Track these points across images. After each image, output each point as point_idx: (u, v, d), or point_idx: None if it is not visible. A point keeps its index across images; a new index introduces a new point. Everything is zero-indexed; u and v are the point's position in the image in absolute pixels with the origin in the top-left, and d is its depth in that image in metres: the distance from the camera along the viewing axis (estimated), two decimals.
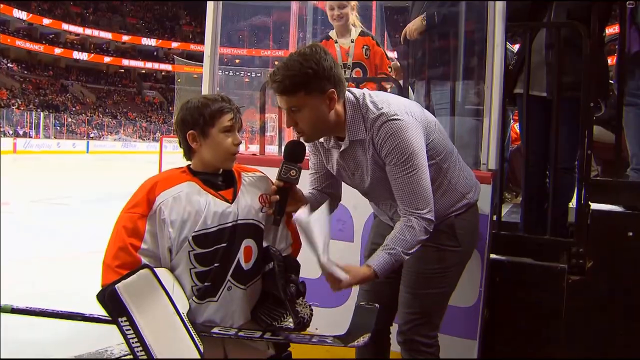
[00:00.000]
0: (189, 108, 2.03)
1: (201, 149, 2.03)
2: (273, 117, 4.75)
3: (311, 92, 1.99)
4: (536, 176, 3.27)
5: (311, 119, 2.04)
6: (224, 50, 13.72)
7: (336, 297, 2.98)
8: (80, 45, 53.91)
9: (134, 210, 1.92)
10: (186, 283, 1.97)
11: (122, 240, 1.88)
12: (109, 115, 49.36)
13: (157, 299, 1.82)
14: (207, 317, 1.98)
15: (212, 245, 1.97)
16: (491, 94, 2.75)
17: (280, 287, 2.02)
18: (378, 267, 2.07)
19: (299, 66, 1.96)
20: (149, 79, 59.91)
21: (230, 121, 2.02)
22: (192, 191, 1.98)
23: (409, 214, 2.09)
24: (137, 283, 1.79)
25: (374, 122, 2.07)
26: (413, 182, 2.06)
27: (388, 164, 2.09)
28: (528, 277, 2.91)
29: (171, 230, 1.92)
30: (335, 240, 3.00)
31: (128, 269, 1.82)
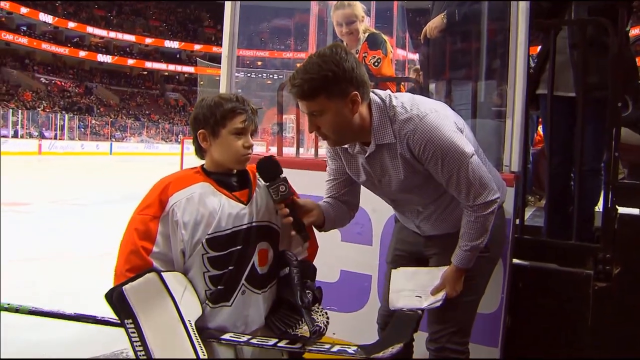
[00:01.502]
0: (202, 106, 1.99)
1: (211, 149, 1.98)
2: (292, 118, 4.72)
3: (332, 95, 1.88)
4: (560, 178, 3.18)
5: (333, 124, 1.94)
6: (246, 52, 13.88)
7: (354, 303, 2.95)
8: (104, 48, 54.52)
9: (146, 211, 1.88)
10: (199, 287, 1.92)
11: (133, 243, 1.84)
12: (132, 117, 49.84)
13: (162, 305, 1.78)
14: (220, 322, 1.93)
15: (227, 248, 1.92)
16: (514, 94, 2.67)
17: (297, 294, 1.96)
18: (461, 263, 2.13)
19: (317, 69, 1.86)
20: (171, 81, 60.36)
21: (243, 123, 1.96)
22: (205, 192, 1.93)
23: (469, 208, 2.06)
24: (144, 286, 1.77)
25: (405, 124, 1.97)
26: (467, 175, 1.99)
27: (434, 166, 1.99)
28: (552, 284, 2.82)
29: (184, 232, 1.87)
30: (354, 243, 2.96)
31: (138, 272, 1.79)
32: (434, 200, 2.19)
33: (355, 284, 2.96)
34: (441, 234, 2.28)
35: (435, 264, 2.29)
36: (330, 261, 2.92)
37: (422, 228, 2.31)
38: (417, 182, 2.08)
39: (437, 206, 2.21)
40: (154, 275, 1.79)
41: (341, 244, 2.99)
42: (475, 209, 2.05)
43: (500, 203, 2.25)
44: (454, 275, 2.16)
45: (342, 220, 2.28)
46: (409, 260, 2.40)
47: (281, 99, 3.77)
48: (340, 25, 3.79)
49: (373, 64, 3.70)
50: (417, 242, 2.38)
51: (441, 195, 2.17)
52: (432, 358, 2.30)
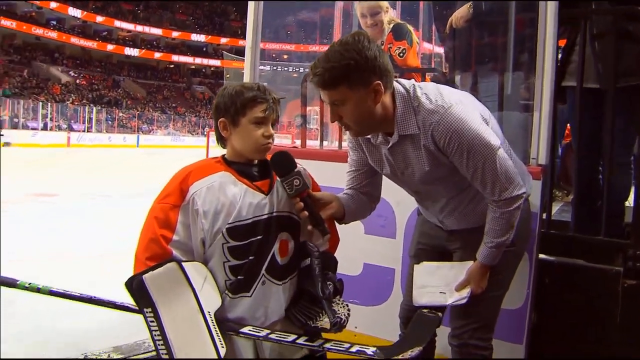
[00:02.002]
0: (224, 95, 1.98)
1: (231, 138, 1.97)
2: (316, 109, 4.70)
3: (353, 85, 1.85)
4: (588, 172, 3.10)
5: (355, 114, 1.91)
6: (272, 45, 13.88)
7: (376, 296, 2.92)
8: (131, 42, 55.15)
9: (166, 200, 1.87)
10: (219, 277, 1.91)
11: (153, 231, 1.83)
12: (158, 110, 50.34)
13: (182, 295, 1.77)
14: (240, 313, 1.91)
15: (247, 238, 1.90)
16: (542, 85, 2.60)
17: (318, 285, 1.93)
18: (486, 260, 2.10)
19: (339, 57, 1.82)
20: (198, 74, 60.84)
21: (263, 112, 1.94)
22: (226, 181, 1.91)
23: (494, 203, 2.01)
24: (164, 276, 1.75)
25: (429, 116, 1.92)
26: (493, 168, 1.94)
27: (459, 159, 1.94)
28: (579, 280, 2.75)
29: (204, 222, 1.86)
30: (377, 236, 2.93)
31: (158, 261, 1.78)
32: (457, 194, 2.15)
33: (378, 277, 2.94)
34: (465, 229, 2.24)
35: (459, 258, 2.25)
36: (353, 254, 2.89)
37: (445, 223, 2.27)
38: (440, 175, 2.04)
39: (460, 200, 2.17)
40: (174, 265, 1.77)
41: (364, 237, 2.96)
42: (501, 204, 2.00)
43: (526, 197, 2.19)
44: (479, 272, 2.12)
45: (363, 212, 2.25)
46: (432, 254, 2.36)
47: (305, 90, 3.75)
48: (365, 17, 3.75)
49: (398, 55, 3.66)
50: (440, 236, 2.33)
51: (464, 189, 2.13)
52: (454, 354, 2.26)
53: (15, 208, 9.51)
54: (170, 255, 1.82)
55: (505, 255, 2.13)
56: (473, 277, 2.13)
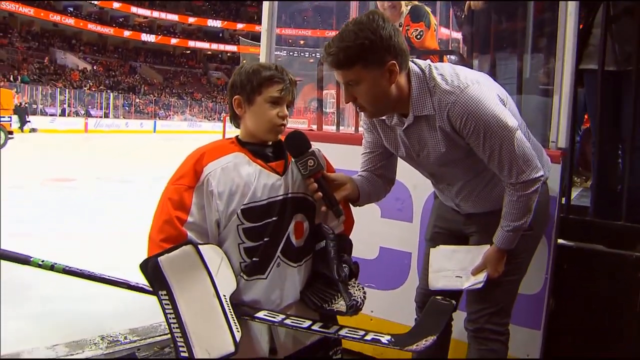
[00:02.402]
0: (240, 73, 1.96)
1: (245, 117, 1.95)
2: (333, 93, 4.67)
3: (368, 64, 1.81)
4: (608, 156, 3.05)
5: (370, 94, 1.88)
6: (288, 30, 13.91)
7: (392, 280, 2.91)
8: (148, 28, 55.24)
9: (181, 182, 1.85)
10: (234, 259, 1.90)
11: (167, 213, 1.82)
12: (175, 96, 50.50)
13: (198, 278, 1.75)
14: (255, 295, 1.90)
15: (262, 219, 1.89)
16: (562, 66, 2.55)
17: (334, 268, 1.91)
18: (503, 244, 2.07)
19: (353, 37, 1.79)
20: (214, 60, 60.84)
21: (279, 92, 1.91)
22: (241, 162, 1.90)
23: (512, 186, 1.97)
24: (180, 259, 1.73)
25: (445, 96, 1.89)
26: (510, 150, 1.90)
27: (476, 140, 1.91)
28: (599, 266, 2.72)
29: (219, 202, 1.85)
30: (394, 220, 2.92)
31: (172, 243, 1.76)
32: (473, 177, 2.12)
33: (395, 261, 2.92)
34: (482, 212, 2.21)
35: (476, 242, 2.23)
36: (370, 238, 2.88)
37: (461, 206, 2.24)
38: (456, 157, 2.01)
39: (476, 184, 2.14)
40: (190, 247, 1.75)
41: (381, 221, 2.94)
42: (518, 187, 1.96)
43: (545, 180, 2.16)
44: (496, 256, 2.10)
45: (378, 194, 2.22)
46: (448, 238, 2.34)
47: (321, 74, 3.72)
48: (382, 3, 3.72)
49: (415, 37, 3.63)
50: (457, 220, 2.30)
51: (480, 172, 2.10)
52: (470, 339, 2.25)
53: (33, 192, 9.63)
54: (185, 237, 1.81)
55: (523, 239, 2.10)
56: (490, 261, 2.10)
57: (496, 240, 2.07)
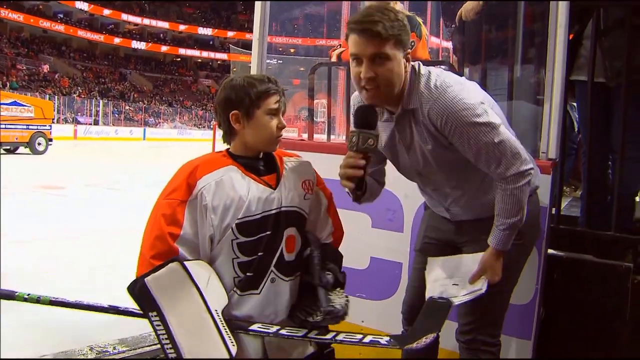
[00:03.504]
0: (233, 87, 1.93)
1: (244, 131, 1.93)
2: (323, 102, 4.67)
3: (399, 43, 1.85)
4: (598, 166, 3.07)
5: (392, 72, 1.87)
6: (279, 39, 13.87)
7: (383, 290, 2.90)
8: (138, 35, 55.17)
9: (173, 196, 1.84)
10: (228, 274, 1.89)
11: (159, 228, 1.80)
12: (165, 103, 50.40)
13: (187, 295, 1.72)
14: (248, 310, 1.89)
15: (256, 234, 1.88)
16: (553, 77, 2.56)
17: (315, 273, 1.92)
18: (500, 245, 2.01)
19: (394, 15, 1.84)
20: (205, 67, 60.80)
21: (277, 103, 1.93)
22: (234, 175, 1.89)
23: (503, 181, 1.94)
24: (167, 277, 1.70)
25: (427, 93, 1.91)
26: (496, 145, 1.89)
27: (459, 139, 1.90)
28: (589, 276, 2.72)
29: (213, 217, 1.83)
30: (385, 230, 2.91)
31: (163, 259, 1.74)
32: (462, 181, 2.11)
33: (386, 271, 2.91)
34: (472, 219, 2.19)
35: (469, 252, 2.22)
36: (361, 248, 2.87)
37: (452, 211, 2.23)
38: (442, 156, 2.01)
39: (466, 189, 2.13)
40: (177, 265, 1.72)
41: (372, 231, 2.94)
42: (509, 180, 1.93)
43: (534, 188, 2.17)
44: (493, 259, 2.05)
45: (376, 194, 2.23)
46: (439, 248, 2.32)
47: (312, 83, 3.72)
48: None
49: None
50: (448, 230, 2.29)
51: (469, 176, 2.09)
52: (462, 351, 2.24)
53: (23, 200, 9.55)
54: (177, 254, 1.79)
55: (514, 249, 2.09)
56: (488, 265, 2.05)
57: (492, 242, 2.03)
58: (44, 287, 2.18)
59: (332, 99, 4.26)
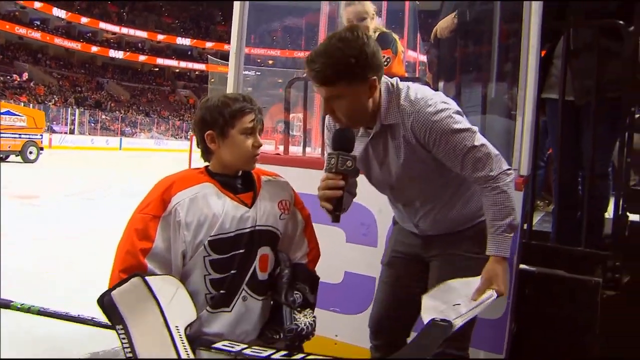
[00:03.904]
0: (208, 107, 1.94)
1: (219, 151, 1.94)
2: (299, 117, 4.69)
3: (353, 81, 1.83)
4: (569, 182, 3.13)
5: (350, 108, 1.90)
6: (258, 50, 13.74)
7: (357, 305, 2.91)
8: (116, 44, 54.81)
9: (147, 210, 1.83)
10: (200, 291, 1.89)
11: (131, 243, 1.79)
12: (142, 113, 50.06)
13: (147, 310, 1.70)
14: (219, 328, 1.89)
15: (229, 251, 1.89)
16: (525, 95, 2.62)
17: (282, 292, 1.94)
18: (501, 249, 1.95)
19: (340, 54, 1.79)
20: (182, 78, 60.58)
21: (252, 122, 1.93)
22: (210, 193, 1.89)
23: (490, 180, 1.94)
24: (131, 292, 1.70)
25: (410, 107, 1.93)
26: (477, 148, 1.92)
27: (445, 147, 1.93)
28: (560, 290, 2.76)
29: (186, 233, 1.84)
30: (359, 244, 2.92)
31: (131, 273, 1.74)
32: (433, 195, 2.14)
33: (360, 285, 2.92)
34: (440, 234, 2.22)
35: (436, 267, 2.22)
36: (335, 262, 2.87)
37: (420, 227, 2.24)
38: (417, 169, 2.03)
39: (435, 203, 2.15)
40: (138, 280, 1.71)
41: (346, 245, 2.95)
42: (498, 179, 1.94)
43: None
44: (498, 267, 1.97)
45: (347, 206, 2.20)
46: (407, 262, 2.33)
47: (289, 96, 3.73)
48: (351, 23, 3.75)
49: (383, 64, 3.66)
50: (416, 244, 2.31)
51: (440, 190, 2.13)
52: None
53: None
54: (145, 269, 1.78)
55: (479, 263, 2.12)
56: (492, 275, 1.96)
57: (494, 249, 1.98)
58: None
59: (309, 112, 4.29)
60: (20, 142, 19.88)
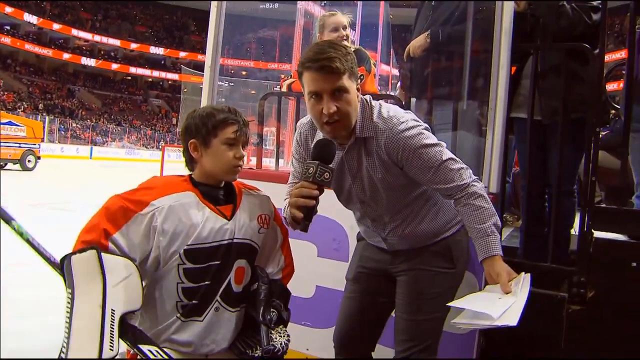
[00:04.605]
0: (194, 117, 1.99)
1: (202, 159, 1.97)
2: (272, 130, 4.70)
3: (352, 76, 1.94)
4: (536, 200, 3.20)
5: (351, 104, 1.95)
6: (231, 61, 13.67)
7: (328, 319, 2.91)
8: (88, 51, 54.18)
9: (127, 201, 1.85)
10: (171, 297, 1.90)
11: (99, 218, 1.80)
12: (114, 122, 49.49)
13: (93, 285, 1.71)
14: (189, 336, 1.90)
15: (205, 262, 1.90)
16: (495, 114, 2.68)
17: (260, 310, 1.95)
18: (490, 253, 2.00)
19: (344, 49, 1.92)
20: (155, 87, 60.10)
21: (234, 133, 1.96)
22: (190, 202, 1.91)
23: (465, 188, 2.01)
24: (84, 262, 1.72)
25: (382, 124, 2.01)
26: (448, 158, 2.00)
27: (417, 164, 1.99)
28: (527, 305, 2.81)
29: (162, 239, 1.85)
30: (330, 259, 2.95)
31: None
32: (402, 209, 2.18)
33: (331, 300, 2.93)
34: (408, 249, 2.26)
35: (404, 282, 2.25)
36: (306, 276, 2.89)
37: (389, 241, 2.28)
38: (389, 183, 2.08)
39: (404, 217, 2.20)
40: (93, 252, 1.72)
41: (317, 260, 2.97)
42: (471, 185, 2.02)
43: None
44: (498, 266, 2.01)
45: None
46: (373, 278, 2.37)
47: (262, 109, 3.75)
48: (337, 31, 3.79)
49: None
50: (384, 260, 2.34)
51: (410, 205, 2.17)
52: None
53: None
54: (106, 248, 1.78)
55: (444, 277, 2.19)
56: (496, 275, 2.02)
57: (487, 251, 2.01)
58: None
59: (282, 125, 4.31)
60: (19, 151, 20.90)
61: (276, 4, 12.33)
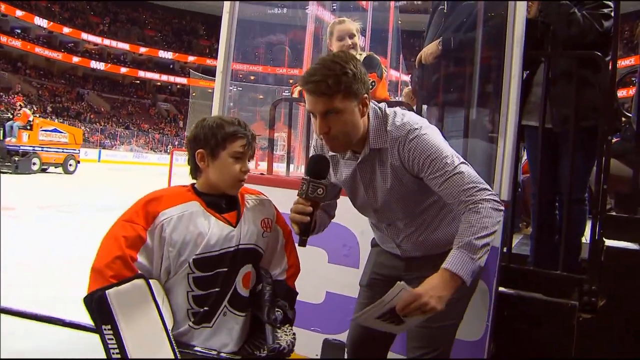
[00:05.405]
0: (203, 127, 1.99)
1: (208, 170, 1.98)
2: (283, 135, 4.71)
3: (349, 95, 1.90)
4: (546, 208, 3.19)
5: (347, 124, 1.94)
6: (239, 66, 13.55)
7: (338, 325, 2.92)
8: (97, 55, 54.44)
9: (134, 220, 1.86)
10: (182, 306, 1.92)
11: (120, 249, 1.80)
12: (122, 126, 49.68)
13: (147, 312, 1.76)
14: (200, 342, 1.92)
15: (213, 269, 1.92)
16: (506, 122, 2.68)
17: (264, 310, 1.97)
18: (452, 266, 1.87)
19: (339, 67, 1.88)
20: (163, 91, 60.26)
21: (242, 147, 1.97)
22: (196, 211, 1.93)
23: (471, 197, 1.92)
24: (130, 292, 1.74)
25: (397, 132, 1.99)
26: (460, 168, 1.95)
27: (425, 173, 1.97)
28: (537, 313, 2.81)
29: (171, 250, 1.87)
30: (340, 265, 2.95)
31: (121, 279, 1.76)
32: (417, 216, 2.18)
33: (341, 306, 2.93)
34: (422, 256, 2.26)
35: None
36: (316, 282, 2.90)
37: (402, 247, 2.28)
38: (402, 193, 2.08)
39: (419, 224, 2.19)
40: (142, 281, 1.77)
41: (328, 266, 2.97)
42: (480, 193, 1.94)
43: None
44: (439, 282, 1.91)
45: (324, 226, 2.29)
46: (386, 284, 2.35)
47: (273, 114, 3.77)
48: (343, 39, 3.81)
49: None
50: (397, 266, 2.34)
51: (424, 211, 2.17)
52: None
53: None
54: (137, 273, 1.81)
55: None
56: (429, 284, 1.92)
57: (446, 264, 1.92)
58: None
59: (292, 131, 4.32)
60: (62, 156, 22.85)
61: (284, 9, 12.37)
